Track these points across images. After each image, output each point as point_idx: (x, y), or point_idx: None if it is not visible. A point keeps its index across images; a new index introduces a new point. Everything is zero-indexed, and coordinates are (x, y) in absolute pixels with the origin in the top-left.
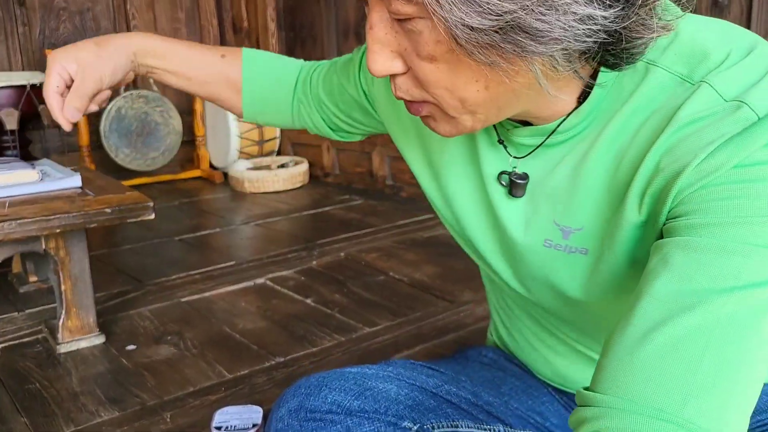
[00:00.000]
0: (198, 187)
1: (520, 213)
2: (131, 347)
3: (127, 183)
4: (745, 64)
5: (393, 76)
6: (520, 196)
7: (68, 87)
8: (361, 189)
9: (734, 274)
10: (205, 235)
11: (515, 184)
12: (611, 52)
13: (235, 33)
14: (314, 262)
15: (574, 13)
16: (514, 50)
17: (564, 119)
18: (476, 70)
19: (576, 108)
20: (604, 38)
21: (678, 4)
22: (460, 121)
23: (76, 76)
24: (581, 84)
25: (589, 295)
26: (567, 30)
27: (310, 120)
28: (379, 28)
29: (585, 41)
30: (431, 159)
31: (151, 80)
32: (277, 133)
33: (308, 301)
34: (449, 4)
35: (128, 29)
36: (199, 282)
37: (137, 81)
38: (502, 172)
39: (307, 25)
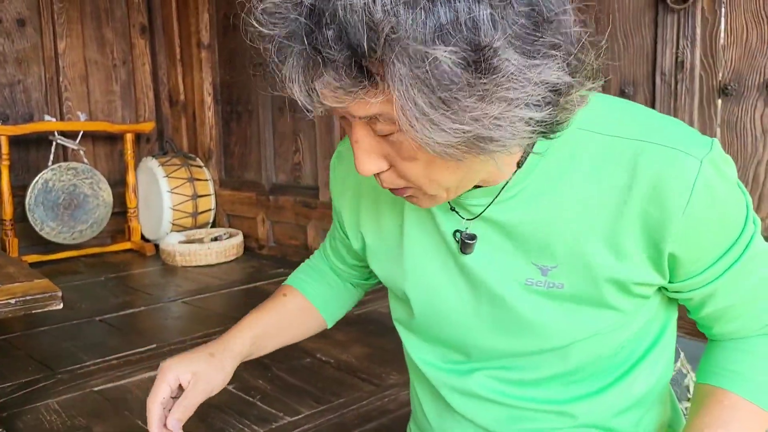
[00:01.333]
0: (128, 260)
1: (491, 262)
2: None
3: (52, 257)
4: (652, 117)
5: (378, 173)
6: (469, 254)
7: (173, 397)
8: (296, 262)
9: None
10: (129, 315)
11: (465, 244)
12: (547, 132)
13: (171, 106)
14: None
15: (520, 118)
16: (477, 152)
17: (508, 181)
18: (448, 163)
19: (516, 170)
20: (542, 129)
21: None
22: (438, 196)
23: (188, 387)
24: (521, 152)
25: (564, 327)
26: (516, 131)
27: (364, 279)
28: (363, 141)
29: (531, 135)
30: (389, 230)
31: (82, 152)
32: (212, 204)
33: (230, 387)
34: (420, 127)
35: (60, 102)
36: (115, 368)
37: (68, 153)
38: (456, 231)
39: (243, 100)
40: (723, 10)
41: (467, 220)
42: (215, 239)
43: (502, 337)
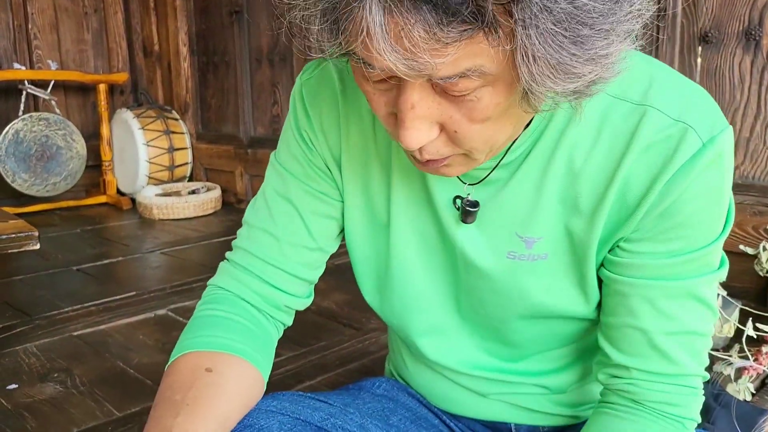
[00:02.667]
0: (104, 214)
1: (474, 234)
2: (12, 386)
3: (26, 209)
4: (672, 83)
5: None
6: (470, 223)
7: None
8: None
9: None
10: (106, 265)
11: (467, 212)
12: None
13: (146, 56)
14: None
15: (618, 59)
16: (579, 97)
17: (512, 145)
18: (515, 116)
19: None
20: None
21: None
22: (479, 160)
23: None
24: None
25: (550, 295)
26: (616, 72)
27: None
28: (421, 105)
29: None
30: (377, 197)
31: (53, 102)
32: (189, 158)
33: None
34: (543, 75)
35: (30, 50)
36: (94, 314)
37: (39, 103)
38: (456, 197)
39: (219, 51)
40: None
41: (470, 184)
42: (193, 192)
43: (480, 308)
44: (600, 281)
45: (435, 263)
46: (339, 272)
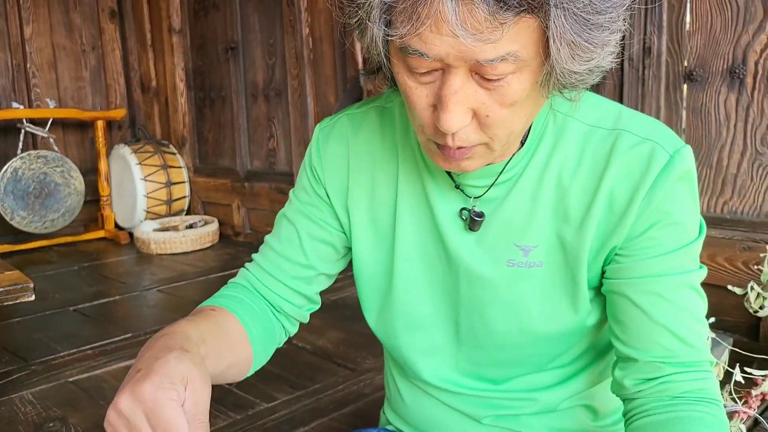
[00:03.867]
0: (102, 249)
1: (475, 246)
2: None
3: (23, 246)
4: (636, 114)
5: (453, 132)
6: (476, 231)
7: None
8: None
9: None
10: (104, 304)
11: (474, 221)
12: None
13: (143, 92)
14: None
15: (613, 51)
16: (583, 83)
17: (506, 164)
18: (531, 105)
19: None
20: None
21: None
22: (495, 153)
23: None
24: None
25: (545, 304)
26: (610, 64)
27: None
28: (462, 91)
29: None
30: (382, 212)
31: (52, 140)
32: (187, 191)
33: None
34: (564, 57)
35: (28, 89)
36: (91, 358)
37: (37, 141)
38: (462, 208)
39: (216, 86)
40: None
41: (474, 198)
42: (190, 226)
43: (479, 324)
44: (597, 290)
45: (437, 280)
46: (334, 308)
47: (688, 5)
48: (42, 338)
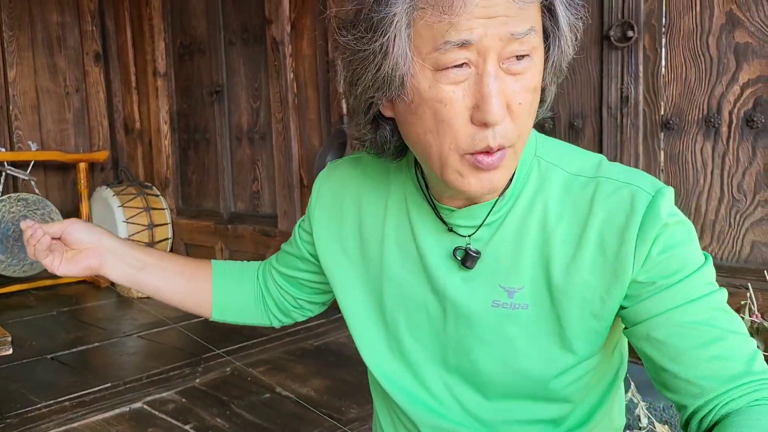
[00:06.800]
0: (81, 293)
1: (462, 286)
2: None
3: (1, 291)
4: (614, 163)
5: (493, 126)
6: (471, 268)
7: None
8: None
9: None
10: (82, 352)
11: (471, 258)
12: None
13: (127, 134)
14: (198, 381)
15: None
16: (559, 75)
17: (493, 206)
18: (536, 101)
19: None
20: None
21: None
22: (516, 163)
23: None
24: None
25: (532, 347)
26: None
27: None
28: (498, 79)
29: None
30: (372, 252)
31: (33, 183)
32: (169, 233)
33: (187, 428)
34: (565, 39)
35: (10, 132)
36: (68, 410)
37: (18, 184)
38: (456, 248)
39: (200, 129)
40: (663, 48)
41: (468, 236)
42: None
43: (467, 363)
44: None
45: (423, 323)
46: (318, 355)
47: (663, 56)
48: (18, 389)
